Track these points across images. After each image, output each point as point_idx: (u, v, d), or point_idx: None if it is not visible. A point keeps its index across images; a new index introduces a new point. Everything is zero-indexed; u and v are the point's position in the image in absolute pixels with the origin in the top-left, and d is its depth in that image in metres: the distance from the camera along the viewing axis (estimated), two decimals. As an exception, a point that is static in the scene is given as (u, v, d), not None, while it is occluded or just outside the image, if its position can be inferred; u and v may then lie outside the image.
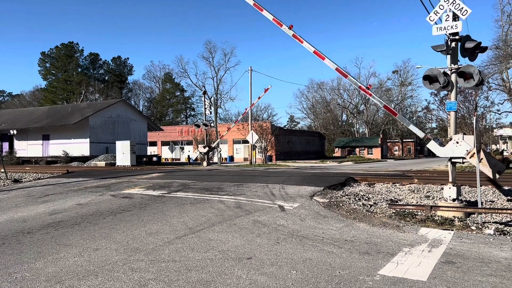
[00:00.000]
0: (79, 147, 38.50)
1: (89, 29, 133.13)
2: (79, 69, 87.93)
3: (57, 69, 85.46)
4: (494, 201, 11.59)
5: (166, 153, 58.80)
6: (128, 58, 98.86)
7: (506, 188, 12.86)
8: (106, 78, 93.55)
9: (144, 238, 6.66)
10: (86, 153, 37.89)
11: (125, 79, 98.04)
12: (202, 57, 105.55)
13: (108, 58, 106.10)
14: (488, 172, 9.26)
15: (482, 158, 9.06)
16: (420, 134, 10.64)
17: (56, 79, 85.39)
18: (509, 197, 11.64)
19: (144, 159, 41.61)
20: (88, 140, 38.29)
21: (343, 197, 11.09)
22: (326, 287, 4.37)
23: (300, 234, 6.92)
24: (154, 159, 45.60)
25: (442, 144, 9.86)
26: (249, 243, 6.31)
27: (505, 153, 30.67)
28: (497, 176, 9.42)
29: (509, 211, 9.32)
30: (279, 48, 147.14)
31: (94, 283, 4.54)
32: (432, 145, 9.86)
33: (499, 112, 48.07)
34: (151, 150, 58.45)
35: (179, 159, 58.68)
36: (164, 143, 61.85)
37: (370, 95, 11.55)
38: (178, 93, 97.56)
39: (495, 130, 38.97)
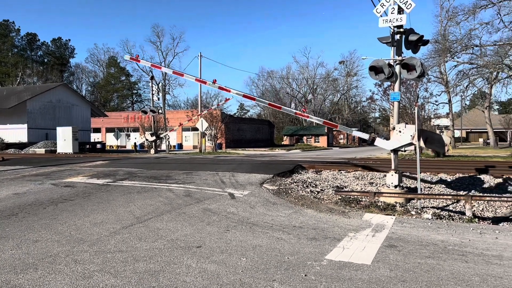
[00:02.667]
0: (16, 133, 36.18)
1: (26, 8, 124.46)
2: (15, 50, 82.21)
3: (-10, 49, 79.45)
4: (431, 186, 12.30)
5: (111, 140, 56.79)
6: (69, 39, 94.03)
7: (440, 175, 13.67)
8: (46, 60, 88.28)
9: (88, 229, 6.39)
10: (24, 139, 35.72)
11: (67, 62, 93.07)
12: (150, 41, 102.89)
13: (47, 39, 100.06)
14: (437, 148, 9.81)
15: (427, 140, 9.58)
16: (365, 136, 11.07)
17: (-11, 60, 79.42)
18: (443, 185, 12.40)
19: (88, 146, 39.95)
20: (26, 125, 36.06)
21: (292, 184, 11.29)
22: (275, 273, 4.43)
23: (250, 221, 6.96)
24: (98, 146, 43.86)
25: (387, 138, 10.28)
26: (198, 231, 6.26)
27: (441, 142, 32.60)
28: (446, 149, 10.00)
29: (445, 197, 9.94)
30: (230, 35, 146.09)
31: (34, 276, 4.29)
32: (379, 142, 10.27)
33: (437, 103, 51.09)
34: (95, 137, 56.16)
35: (125, 147, 56.91)
36: (109, 130, 59.62)
37: (307, 117, 12.37)
38: (124, 78, 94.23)
39: (432, 120, 41.31)
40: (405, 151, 10.44)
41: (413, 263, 4.81)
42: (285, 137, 79.61)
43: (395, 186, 9.94)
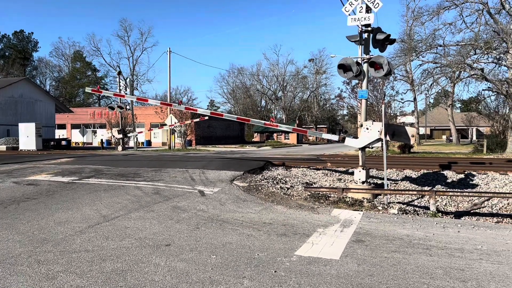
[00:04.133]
0: (-26, 129, 34.64)
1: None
2: (-27, 42, 78.60)
3: None
4: (397, 182, 12.63)
5: (76, 137, 55.19)
6: (32, 32, 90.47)
7: (405, 170, 14.06)
8: (7, 53, 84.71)
9: (52, 228, 6.19)
10: (-17, 136, 34.24)
11: (29, 56, 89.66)
12: (117, 36, 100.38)
13: (8, 32, 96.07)
14: (404, 140, 10.10)
15: (394, 134, 9.84)
16: (335, 137, 11.28)
17: None
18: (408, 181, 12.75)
19: (52, 143, 38.69)
20: (-15, 121, 34.58)
21: (262, 181, 11.32)
22: (245, 270, 4.42)
23: (220, 219, 6.93)
24: (63, 143, 42.55)
25: (355, 137, 10.49)
26: (167, 229, 6.17)
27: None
28: (413, 140, 10.26)
29: (410, 192, 10.23)
30: (200, 31, 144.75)
31: (-7, 279, 4.11)
32: (349, 141, 10.45)
33: (403, 101, 52.45)
34: (59, 134, 54.46)
35: (91, 143, 55.48)
36: (74, 126, 57.92)
37: (277, 126, 12.77)
38: (90, 73, 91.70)
39: (398, 118, 42.41)
40: (372, 148, 10.67)
41: (380, 258, 4.92)
42: (256, 134, 79.82)
43: (363, 182, 10.15)
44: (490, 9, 24.83)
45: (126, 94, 31.84)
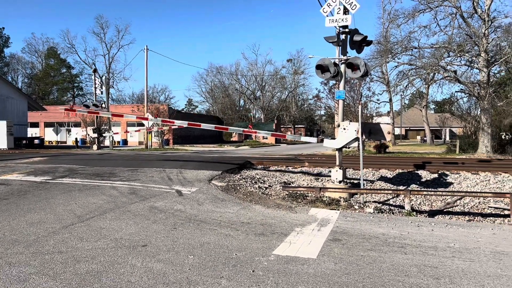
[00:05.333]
0: None
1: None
2: None
3: None
4: (374, 182, 12.82)
5: (50, 136, 53.84)
6: (3, 28, 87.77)
7: (381, 170, 14.30)
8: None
9: (24, 229, 6.01)
10: (-49, 134, 32.97)
11: (0, 52, 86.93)
12: (93, 33, 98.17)
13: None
14: (380, 138, 10.31)
15: (370, 132, 10.02)
16: (314, 140, 11.37)
17: None
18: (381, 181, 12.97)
19: (24, 141, 37.62)
20: (-47, 119, 33.32)
21: (241, 181, 11.30)
22: (223, 270, 4.40)
23: (198, 219, 6.88)
24: (36, 141, 41.45)
25: (333, 137, 10.63)
26: (144, 230, 6.09)
27: (382, 140, 34.18)
28: (388, 137, 10.47)
29: (385, 192, 10.39)
30: (178, 29, 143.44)
31: (-39, 282, 3.97)
32: (327, 143, 10.56)
33: (379, 102, 53.33)
34: (32, 132, 53.05)
35: (65, 142, 54.24)
36: (47, 124, 56.49)
37: (255, 132, 13.16)
38: (64, 70, 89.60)
39: (374, 118, 43.07)
40: (349, 148, 10.81)
41: (357, 256, 4.98)
42: (234, 133, 79.70)
43: (340, 182, 10.26)
44: (463, 13, 25.48)
45: (103, 108, 31.42)
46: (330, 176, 11.22)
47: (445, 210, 10.51)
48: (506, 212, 9.94)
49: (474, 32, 25.12)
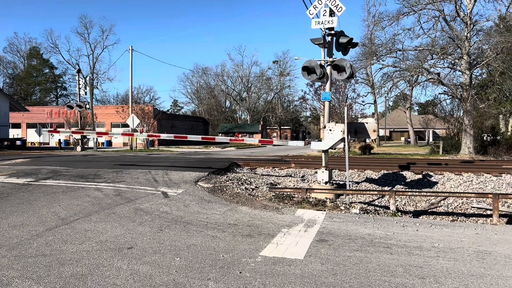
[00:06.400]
0: None
1: None
2: None
3: None
4: (359, 183, 12.93)
5: (32, 137, 52.87)
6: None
7: (367, 171, 14.41)
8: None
9: (7, 232, 5.89)
10: None
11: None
12: (76, 33, 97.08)
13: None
14: (366, 136, 10.42)
15: (356, 131, 10.12)
16: (301, 143, 11.45)
17: None
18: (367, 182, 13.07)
19: (6, 143, 36.93)
20: None
21: (227, 182, 11.28)
22: (210, 272, 4.38)
23: (184, 220, 6.84)
24: (18, 143, 40.69)
25: (319, 139, 10.70)
26: (130, 232, 6.02)
27: (367, 140, 34.57)
28: (374, 135, 10.54)
29: (371, 192, 10.49)
30: (163, 29, 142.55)
31: None
32: (314, 145, 10.63)
33: (364, 103, 53.84)
34: (14, 133, 52.03)
35: (48, 144, 53.35)
36: (30, 125, 55.51)
37: (242, 140, 13.46)
38: (47, 70, 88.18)
39: (359, 120, 43.47)
40: (334, 149, 10.88)
41: (343, 256, 5.01)
42: (220, 134, 79.55)
43: (326, 183, 10.32)
44: (446, 16, 25.92)
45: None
46: (316, 177, 11.28)
47: (429, 210, 10.66)
48: (489, 212, 10.13)
49: (457, 35, 25.58)
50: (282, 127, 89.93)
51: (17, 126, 55.43)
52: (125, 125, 42.46)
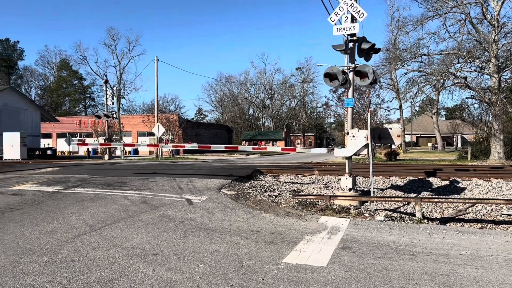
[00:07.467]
0: (-43, 139, 33.94)
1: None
2: (-42, 52, 77.43)
3: None
4: (384, 189, 12.75)
5: (62, 146, 54.44)
6: (18, 41, 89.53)
7: (392, 178, 14.21)
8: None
9: (38, 238, 6.11)
10: (-34, 146, 33.58)
11: (15, 64, 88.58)
12: (104, 44, 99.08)
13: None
14: (390, 142, 10.30)
15: (380, 136, 10.03)
16: (324, 151, 11.43)
17: None
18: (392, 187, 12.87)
19: (37, 152, 38.11)
20: (-33, 131, 33.93)
21: (250, 189, 11.33)
22: (233, 278, 4.43)
23: (208, 227, 6.92)
24: (49, 152, 41.98)
25: (343, 146, 10.65)
26: (155, 238, 6.14)
27: (393, 146, 34.03)
28: (398, 141, 10.43)
29: (396, 199, 10.33)
30: (187, 40, 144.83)
31: (-23, 291, 4.05)
32: (338, 151, 10.58)
33: (389, 109, 53.06)
34: (45, 143, 53.71)
35: (77, 153, 54.77)
36: (60, 135, 57.25)
37: (265, 149, 13.71)
38: (76, 82, 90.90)
39: (384, 125, 42.84)
40: (358, 155, 10.80)
41: (367, 264, 4.96)
42: (244, 142, 79.81)
43: (350, 190, 10.23)
44: (472, 19, 25.38)
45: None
46: (340, 184, 11.20)
47: (456, 217, 10.41)
48: (520, 219, 9.81)
49: (484, 38, 24.98)
50: (305, 134, 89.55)
51: (48, 136, 57.23)
52: (151, 134, 43.24)
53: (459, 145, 66.76)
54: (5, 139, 31.27)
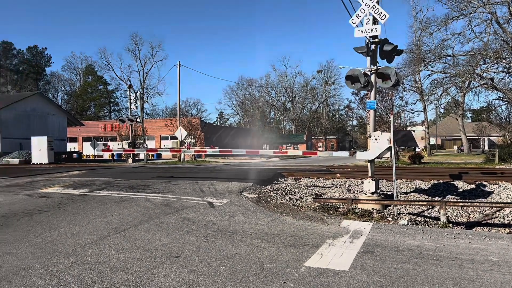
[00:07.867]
0: (-12, 143, 35.21)
1: (2, 16, 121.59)
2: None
3: (-38, 57, 77.31)
4: (407, 193, 12.53)
5: (87, 150, 55.76)
6: (46, 48, 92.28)
7: (417, 181, 13.96)
8: (20, 68, 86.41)
9: (64, 240, 6.27)
10: (-3, 149, 34.78)
11: (42, 71, 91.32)
12: (128, 50, 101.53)
13: (22, 47, 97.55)
14: (413, 144, 10.18)
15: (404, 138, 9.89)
16: (346, 154, 11.33)
17: (-39, 68, 77.21)
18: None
19: (64, 156, 39.13)
20: (-1, 135, 35.16)
21: (271, 192, 11.33)
22: (254, 281, 4.44)
23: (229, 230, 6.96)
24: (75, 156, 42.98)
25: (365, 149, 10.52)
26: (177, 241, 6.22)
27: (417, 149, 33.43)
28: (422, 144, 10.28)
29: (420, 203, 10.15)
30: (208, 44, 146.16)
31: (7, 290, 4.19)
32: (360, 155, 10.47)
33: (412, 111, 52.08)
34: (71, 147, 55.13)
35: (102, 156, 55.92)
36: (85, 139, 58.65)
37: (286, 152, 13.59)
38: (101, 87, 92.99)
39: (408, 128, 42.12)
40: (381, 158, 10.67)
41: (390, 268, 4.90)
42: (265, 145, 79.84)
43: (372, 193, 10.10)
44: (498, 19, 24.77)
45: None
46: (362, 187, 11.07)
47: (483, 222, 10.14)
48: (550, 224, 9.48)
49: (511, 37, 24.32)
50: (327, 137, 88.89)
51: (73, 140, 58.69)
52: (174, 137, 43.76)
53: (486, 147, 65.02)
54: (34, 143, 32.22)
